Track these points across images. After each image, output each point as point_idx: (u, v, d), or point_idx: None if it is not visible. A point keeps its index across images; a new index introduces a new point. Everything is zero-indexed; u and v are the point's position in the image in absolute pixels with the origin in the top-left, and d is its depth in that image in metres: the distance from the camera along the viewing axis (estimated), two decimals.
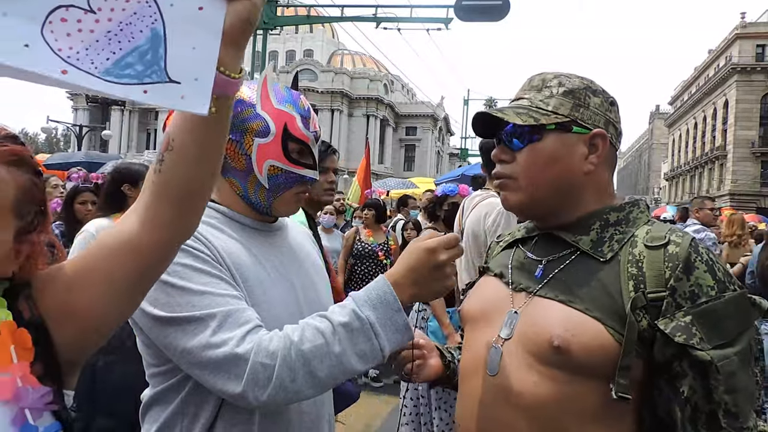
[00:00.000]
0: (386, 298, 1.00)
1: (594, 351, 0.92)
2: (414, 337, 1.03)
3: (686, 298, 0.90)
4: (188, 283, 1.01)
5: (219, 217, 1.18)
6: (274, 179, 1.18)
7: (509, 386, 1.00)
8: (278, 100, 1.19)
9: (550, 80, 1.06)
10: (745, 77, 43.25)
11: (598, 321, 0.93)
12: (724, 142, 45.71)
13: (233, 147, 1.17)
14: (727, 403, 0.86)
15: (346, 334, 0.98)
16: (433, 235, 1.05)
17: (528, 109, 1.04)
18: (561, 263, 1.03)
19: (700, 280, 0.91)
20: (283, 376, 0.96)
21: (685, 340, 0.87)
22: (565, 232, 1.05)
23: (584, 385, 0.93)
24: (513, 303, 1.06)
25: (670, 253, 0.94)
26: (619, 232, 1.02)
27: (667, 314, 0.90)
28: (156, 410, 1.12)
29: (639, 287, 0.93)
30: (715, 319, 0.89)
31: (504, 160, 1.08)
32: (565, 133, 1.02)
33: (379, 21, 13.47)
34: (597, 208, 1.04)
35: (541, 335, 0.97)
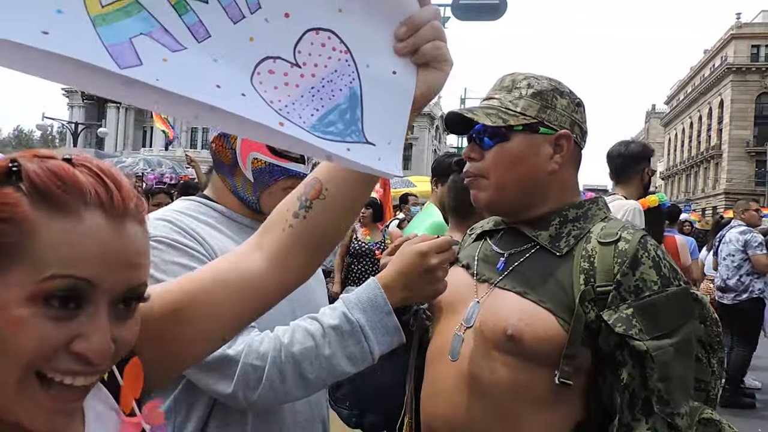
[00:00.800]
0: (377, 301, 1.01)
1: (544, 340, 0.98)
2: (404, 339, 1.04)
3: (631, 291, 0.97)
4: None
5: (217, 216, 1.18)
6: (258, 172, 1.17)
7: (468, 371, 1.06)
8: None
9: (519, 81, 1.11)
10: (740, 77, 43.43)
11: (550, 312, 0.99)
12: (719, 142, 45.89)
13: (221, 142, 1.19)
14: (660, 390, 0.92)
15: (336, 336, 0.99)
16: (425, 239, 1.06)
17: (497, 110, 1.08)
18: (521, 257, 1.09)
19: (645, 275, 0.97)
20: (273, 377, 0.97)
21: (625, 331, 0.94)
22: (527, 227, 1.11)
23: (536, 372, 0.99)
24: (477, 293, 1.12)
25: (620, 249, 1.00)
26: (577, 228, 1.08)
27: (611, 306, 0.97)
28: None
29: (589, 281, 0.99)
30: (655, 312, 0.95)
31: (473, 159, 1.12)
32: (532, 134, 1.07)
33: None
34: (558, 206, 1.10)
35: (497, 324, 1.03)
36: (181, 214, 1.13)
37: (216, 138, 1.20)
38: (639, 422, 0.93)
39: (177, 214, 1.12)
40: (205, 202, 1.20)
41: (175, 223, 1.09)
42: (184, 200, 1.22)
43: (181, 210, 1.15)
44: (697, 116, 52.18)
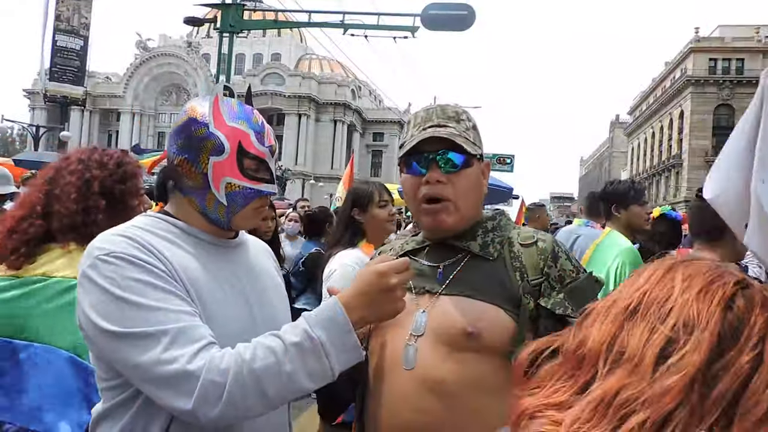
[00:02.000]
0: (337, 319, 1.03)
1: (498, 331, 1.12)
2: (362, 357, 1.08)
3: (556, 280, 1.17)
4: (142, 299, 1.02)
5: (176, 232, 1.18)
6: (231, 196, 1.18)
7: (428, 375, 1.13)
8: (231, 117, 1.19)
9: (461, 113, 1.26)
10: (699, 89, 44.91)
11: (499, 307, 1.14)
12: (680, 151, 47.32)
13: (189, 166, 1.18)
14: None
15: (298, 353, 1.00)
16: (384, 259, 1.10)
17: (466, 139, 1.21)
18: (457, 266, 1.22)
19: (564, 265, 1.19)
20: (234, 393, 0.97)
21: (564, 311, 1.13)
22: (456, 240, 1.24)
23: (493, 363, 1.11)
24: (419, 304, 1.20)
25: (540, 247, 1.20)
26: (498, 235, 1.25)
27: (545, 294, 1.16)
28: (106, 425, 1.11)
29: (523, 276, 1.17)
30: (580, 293, 1.15)
31: (441, 181, 1.20)
32: (479, 161, 1.26)
33: (347, 27, 13.50)
34: (477, 219, 1.27)
35: (455, 326, 1.13)
36: (140, 230, 1.13)
37: (183, 161, 1.18)
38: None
39: (135, 230, 1.12)
40: (164, 218, 1.20)
41: (134, 238, 1.09)
42: (143, 216, 1.22)
43: (140, 226, 1.15)
44: (658, 126, 53.72)
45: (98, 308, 1.03)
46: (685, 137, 46.19)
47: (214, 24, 15.34)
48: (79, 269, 1.08)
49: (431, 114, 1.24)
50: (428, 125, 1.22)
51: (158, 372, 0.97)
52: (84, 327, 1.07)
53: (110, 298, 1.02)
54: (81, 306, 1.06)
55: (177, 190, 1.23)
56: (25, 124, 27.68)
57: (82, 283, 1.06)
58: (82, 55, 31.37)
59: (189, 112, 1.20)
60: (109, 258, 1.05)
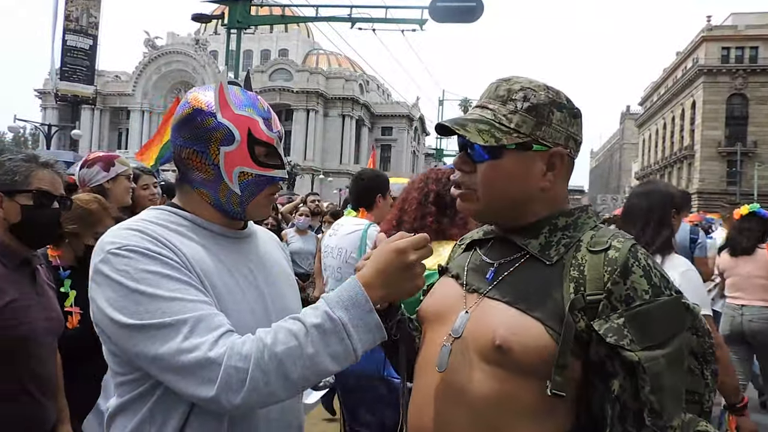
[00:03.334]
0: (358, 299, 1.01)
1: (533, 350, 0.95)
2: (386, 336, 1.05)
3: (621, 300, 0.94)
4: (157, 290, 1.01)
5: (187, 225, 1.17)
6: (245, 185, 1.17)
7: (455, 383, 1.03)
8: (237, 105, 1.17)
9: (515, 92, 1.06)
10: (711, 79, 44.40)
11: (539, 321, 0.96)
12: (691, 142, 46.86)
13: (199, 158, 1.16)
14: (652, 402, 0.89)
15: (319, 335, 0.98)
16: (402, 236, 1.06)
17: (490, 126, 1.05)
18: (511, 266, 1.06)
19: (636, 284, 0.94)
20: (257, 378, 0.96)
21: (616, 341, 0.91)
22: (516, 236, 1.08)
23: (524, 383, 0.96)
24: (466, 303, 1.09)
25: (610, 257, 0.97)
26: (567, 236, 1.05)
27: (602, 316, 0.94)
28: (122, 419, 1.11)
29: (579, 290, 0.97)
30: (647, 321, 0.92)
31: (464, 170, 1.10)
32: (524, 152, 1.04)
33: (354, 21, 13.47)
34: (548, 214, 1.08)
35: (485, 335, 1.00)
36: (150, 223, 1.12)
37: (192, 153, 1.17)
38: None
39: (147, 223, 1.11)
40: (174, 210, 1.19)
41: (146, 231, 1.08)
42: (152, 209, 1.21)
43: (150, 219, 1.14)
44: (670, 117, 53.21)
45: (114, 302, 1.02)
46: (697, 128, 45.71)
47: (222, 20, 15.36)
48: (91, 265, 1.07)
49: (487, 90, 1.11)
50: (475, 104, 1.12)
51: (180, 361, 0.97)
52: (99, 323, 1.06)
53: (125, 291, 1.01)
54: (95, 302, 1.05)
55: (185, 182, 1.22)
56: (37, 124, 27.94)
57: (95, 279, 1.05)
58: (91, 54, 31.57)
59: (192, 103, 1.18)
60: (122, 251, 1.04)
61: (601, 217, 6.26)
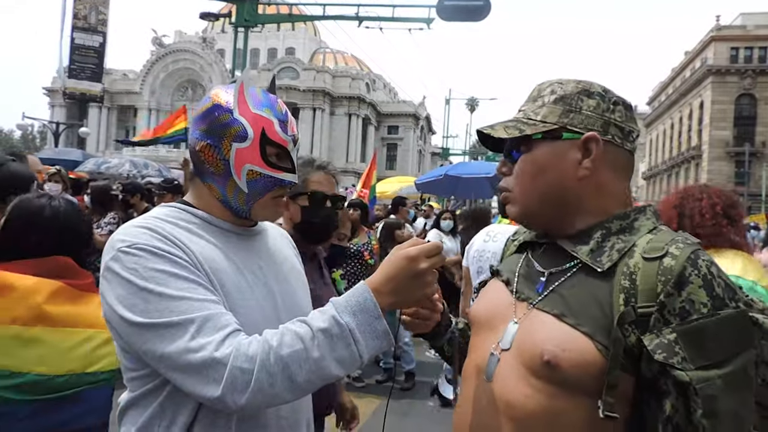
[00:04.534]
0: (366, 305, 1.01)
1: (582, 366, 0.90)
2: (392, 344, 1.04)
3: (675, 314, 0.86)
4: (166, 289, 1.01)
5: (197, 222, 1.17)
6: (253, 183, 1.18)
7: (502, 395, 1.00)
8: (255, 105, 1.18)
9: (544, 89, 1.06)
10: (719, 78, 44.14)
11: (588, 336, 0.91)
12: (699, 142, 46.60)
13: (211, 152, 1.17)
14: (705, 427, 0.82)
15: (326, 339, 0.98)
16: (415, 243, 1.05)
17: (517, 121, 1.05)
18: (562, 276, 1.01)
19: (693, 296, 0.86)
20: (262, 380, 0.96)
21: (665, 359, 0.84)
22: (566, 242, 1.03)
23: (574, 401, 0.91)
24: (515, 312, 1.05)
25: (665, 266, 0.88)
26: (621, 241, 0.97)
27: (654, 330, 0.86)
28: (133, 414, 1.12)
29: (630, 301, 0.89)
30: (703, 338, 0.84)
31: (504, 173, 1.09)
32: (555, 141, 1.01)
33: (361, 20, 13.47)
34: (602, 217, 1.01)
35: (534, 349, 0.96)
36: (160, 221, 1.12)
37: (205, 147, 1.18)
38: None
39: (156, 221, 1.12)
40: (184, 208, 1.20)
41: (155, 230, 1.08)
42: (163, 207, 1.21)
43: (161, 217, 1.15)
44: (678, 117, 52.92)
45: (123, 300, 1.02)
46: (705, 128, 45.45)
47: (229, 18, 15.40)
48: (102, 262, 1.08)
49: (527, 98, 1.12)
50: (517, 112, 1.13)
51: (186, 360, 0.97)
52: (109, 319, 1.07)
53: (134, 289, 1.02)
54: (105, 299, 1.06)
55: (197, 176, 1.23)
56: (46, 122, 28.08)
57: (106, 276, 1.06)
58: (100, 51, 31.74)
59: (213, 98, 1.19)
60: (132, 249, 1.04)
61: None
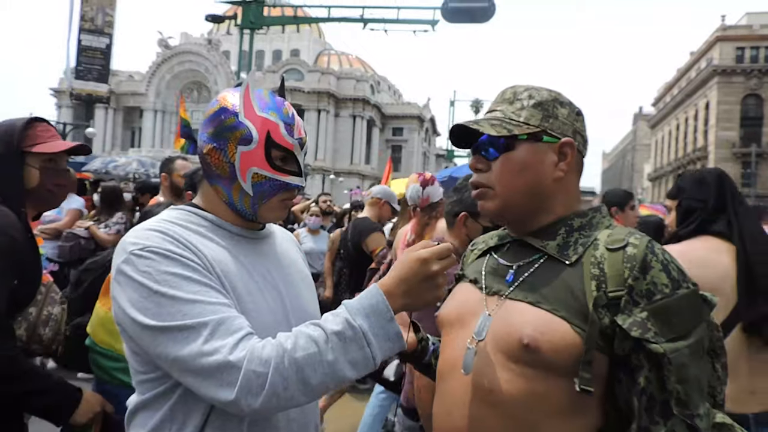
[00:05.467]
0: (379, 308, 1.02)
1: (561, 348, 0.98)
2: (405, 346, 1.06)
3: (643, 295, 0.97)
4: (178, 292, 1.02)
5: (207, 225, 1.18)
6: (258, 187, 1.18)
7: (483, 384, 1.05)
8: (261, 107, 1.18)
9: (520, 93, 1.13)
10: (725, 79, 43.87)
11: (564, 320, 0.99)
12: (705, 143, 46.32)
13: (217, 154, 1.18)
14: (678, 392, 0.93)
15: (339, 342, 0.99)
16: (426, 245, 1.06)
17: (501, 121, 1.11)
18: (530, 267, 1.09)
19: (655, 278, 0.97)
20: (276, 383, 0.97)
21: (641, 335, 0.94)
22: (533, 238, 1.11)
23: (552, 382, 0.99)
24: (487, 306, 1.11)
25: (629, 254, 1.00)
26: (583, 236, 1.08)
27: (625, 311, 0.97)
28: (143, 417, 1.12)
29: (601, 287, 0.99)
30: (669, 314, 0.95)
31: (480, 170, 1.14)
32: (536, 143, 1.09)
33: (366, 22, 13.48)
34: (563, 215, 1.11)
35: (512, 335, 1.02)
36: (172, 224, 1.13)
37: (212, 150, 1.19)
38: (657, 425, 0.93)
39: (168, 224, 1.13)
40: (194, 211, 1.21)
41: (167, 233, 1.09)
42: (173, 209, 1.22)
43: (172, 220, 1.16)
44: (683, 118, 52.65)
45: (135, 303, 1.03)
46: (711, 129, 45.20)
47: (235, 21, 15.45)
48: (113, 265, 1.09)
49: (495, 99, 1.18)
50: (486, 112, 1.18)
51: (200, 364, 0.98)
52: (121, 322, 1.08)
53: (147, 292, 1.02)
54: (117, 301, 1.07)
55: (205, 179, 1.24)
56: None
57: (118, 279, 1.06)
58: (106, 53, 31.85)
59: (221, 102, 1.20)
60: (144, 253, 1.05)
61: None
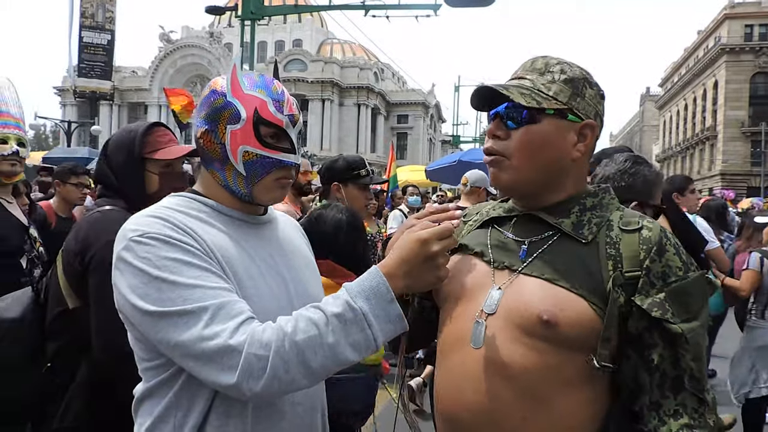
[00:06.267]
0: (379, 289, 1.01)
1: (579, 325, 1.00)
2: (407, 327, 1.05)
3: (659, 277, 1.01)
4: (179, 277, 1.01)
5: (207, 211, 1.18)
6: (250, 165, 1.16)
7: (496, 358, 1.05)
8: (249, 86, 1.18)
9: (552, 65, 1.11)
10: (733, 57, 43.37)
11: (583, 298, 1.01)
12: (714, 123, 45.91)
13: (209, 137, 1.18)
14: (692, 369, 0.99)
15: (340, 324, 0.98)
16: (426, 226, 1.05)
17: (531, 91, 1.08)
18: (544, 244, 1.09)
19: (670, 261, 1.02)
20: (277, 366, 0.97)
21: (661, 315, 0.98)
22: (547, 215, 1.11)
23: (566, 356, 1.02)
24: (495, 280, 1.10)
25: (644, 236, 1.04)
26: (596, 216, 1.10)
27: (642, 291, 1.00)
28: (149, 404, 1.13)
29: (617, 267, 1.02)
30: (684, 296, 1.00)
31: (498, 137, 1.11)
32: (561, 120, 1.08)
33: (368, 9, 13.37)
34: (574, 193, 1.12)
35: (529, 310, 1.03)
36: (171, 210, 1.12)
37: (203, 133, 1.19)
38: (667, 399, 0.99)
39: (168, 211, 1.12)
40: (194, 197, 1.20)
41: (167, 219, 1.09)
42: (173, 196, 1.21)
43: (171, 206, 1.15)
44: (691, 98, 52.15)
45: (136, 289, 1.03)
46: (719, 108, 44.77)
47: (236, 12, 15.38)
48: (114, 252, 1.08)
49: (523, 65, 1.15)
50: (511, 78, 1.15)
51: (200, 348, 0.98)
52: (122, 309, 1.08)
53: (147, 278, 1.02)
54: (118, 288, 1.06)
55: (203, 164, 1.23)
56: (58, 121, 28.31)
57: (118, 266, 1.06)
58: (108, 49, 31.88)
59: (211, 85, 1.21)
60: (143, 239, 1.05)
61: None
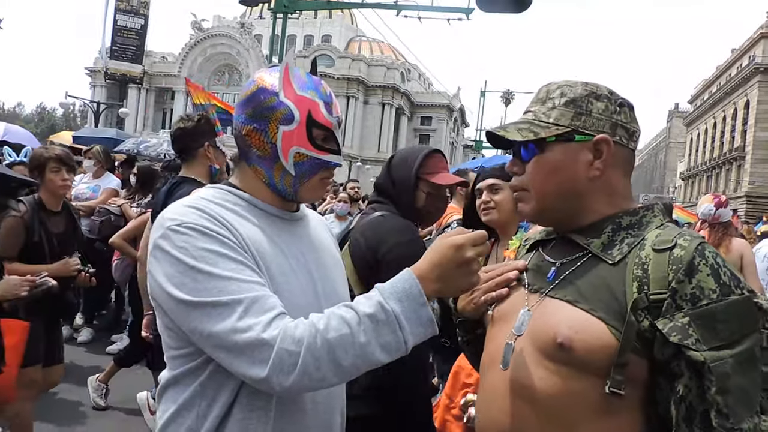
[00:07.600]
0: (412, 292, 1.01)
1: (596, 349, 0.95)
2: (437, 331, 1.06)
3: (687, 300, 0.92)
4: (215, 269, 1.03)
5: (243, 205, 1.19)
6: (300, 166, 1.19)
7: (519, 380, 1.05)
8: (300, 87, 1.19)
9: (553, 91, 1.11)
10: (767, 77, 42.45)
11: (602, 321, 0.97)
12: (743, 143, 45.00)
13: (258, 135, 1.18)
14: (719, 403, 0.88)
15: (372, 325, 0.99)
16: (460, 232, 1.06)
17: (530, 124, 1.09)
18: (572, 265, 1.07)
19: (702, 283, 0.93)
20: (308, 363, 0.97)
21: (680, 340, 0.90)
22: (578, 235, 1.09)
23: (589, 381, 0.97)
24: (528, 302, 1.11)
25: (675, 256, 0.96)
26: (631, 235, 1.05)
27: (666, 315, 0.93)
28: (174, 392, 1.14)
29: (642, 289, 0.96)
30: (713, 321, 0.91)
31: (516, 173, 1.14)
32: (567, 143, 1.07)
33: (400, 9, 13.37)
34: (610, 213, 1.08)
35: (547, 333, 1.01)
36: (209, 202, 1.14)
37: (251, 131, 1.19)
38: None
39: (205, 202, 1.13)
40: (231, 190, 1.21)
41: (205, 210, 1.10)
42: (210, 188, 1.23)
43: (209, 198, 1.16)
44: (721, 116, 51.17)
45: (172, 278, 1.04)
46: (749, 128, 43.84)
47: (269, 4, 15.48)
48: (150, 240, 1.10)
49: (532, 98, 1.16)
50: (524, 112, 1.17)
51: (233, 340, 0.99)
52: (157, 297, 1.09)
53: (184, 267, 1.03)
54: (153, 276, 1.08)
55: (243, 160, 1.24)
56: (87, 101, 28.78)
57: (155, 254, 1.08)
58: (141, 33, 32.35)
59: (258, 82, 1.21)
60: (181, 228, 1.06)
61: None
